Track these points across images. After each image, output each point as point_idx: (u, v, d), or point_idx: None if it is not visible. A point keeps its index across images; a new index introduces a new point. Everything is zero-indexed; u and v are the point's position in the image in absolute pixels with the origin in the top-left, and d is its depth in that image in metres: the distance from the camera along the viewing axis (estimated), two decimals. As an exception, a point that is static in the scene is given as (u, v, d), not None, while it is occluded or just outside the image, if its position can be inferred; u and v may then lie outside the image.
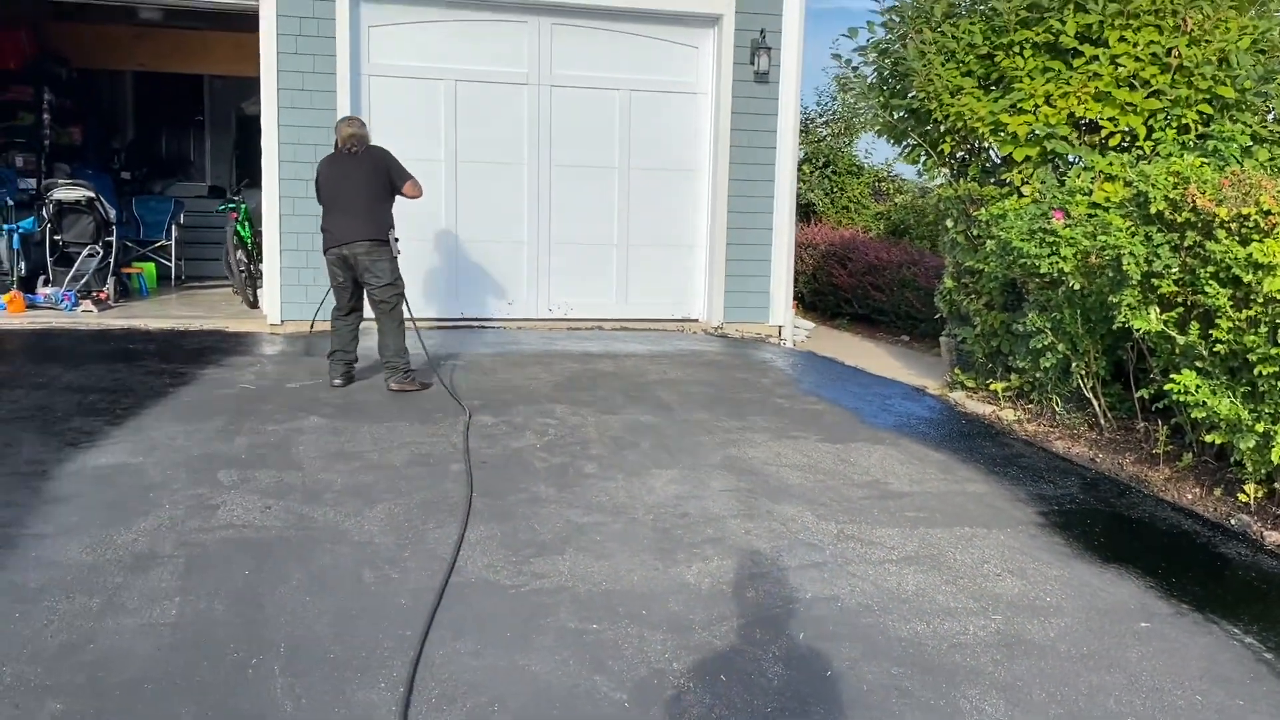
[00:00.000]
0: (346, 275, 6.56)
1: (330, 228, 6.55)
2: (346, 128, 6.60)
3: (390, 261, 6.52)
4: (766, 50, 9.12)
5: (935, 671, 3.36)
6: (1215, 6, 6.23)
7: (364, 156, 6.52)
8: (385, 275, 6.49)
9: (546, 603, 3.75)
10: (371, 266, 6.46)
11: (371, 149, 6.59)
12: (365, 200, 6.46)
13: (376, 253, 6.45)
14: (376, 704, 3.05)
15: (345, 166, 6.53)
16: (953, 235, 7.16)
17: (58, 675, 3.13)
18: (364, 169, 6.48)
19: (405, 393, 6.50)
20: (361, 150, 6.53)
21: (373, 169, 6.49)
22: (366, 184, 6.47)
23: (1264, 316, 4.43)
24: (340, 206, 6.51)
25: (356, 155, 6.51)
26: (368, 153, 6.54)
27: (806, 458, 5.61)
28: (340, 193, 6.52)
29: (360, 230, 6.42)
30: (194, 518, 4.42)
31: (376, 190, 6.49)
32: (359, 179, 6.48)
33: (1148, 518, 4.97)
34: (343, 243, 6.45)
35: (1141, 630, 3.74)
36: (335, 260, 6.53)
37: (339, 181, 6.53)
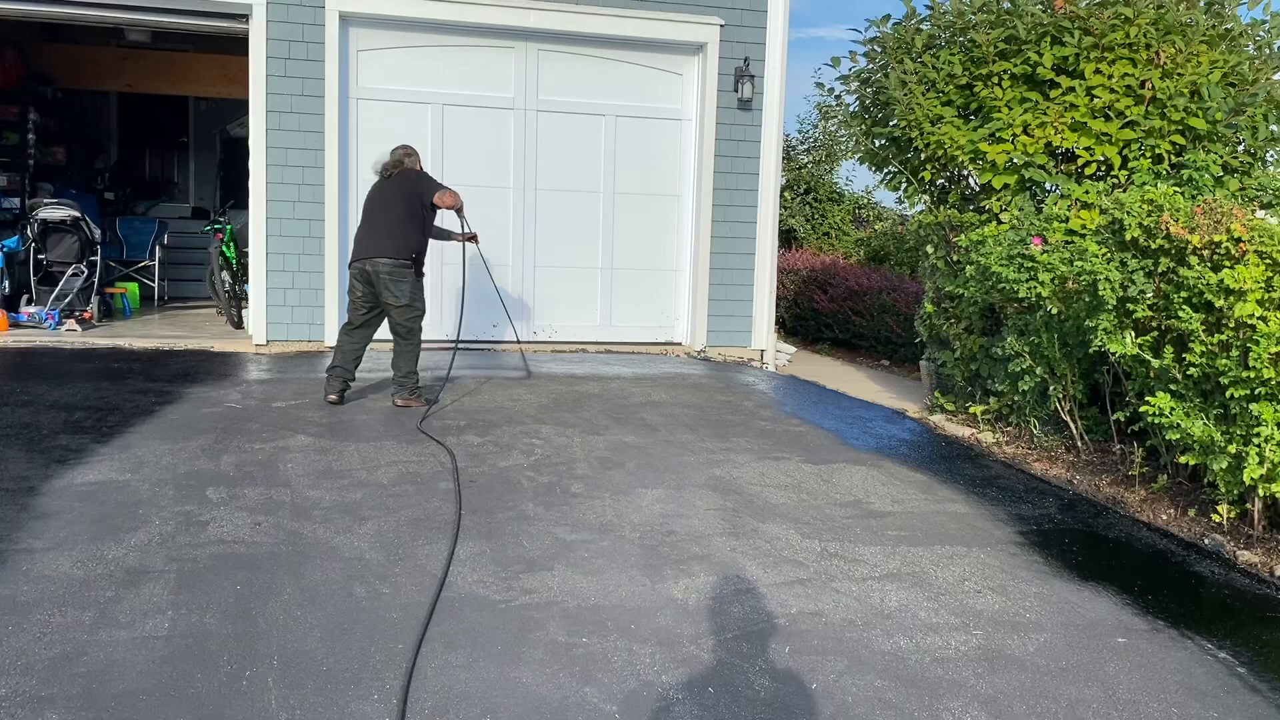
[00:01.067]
0: (366, 291, 6.65)
1: (358, 243, 6.74)
2: (389, 155, 6.88)
3: (411, 283, 6.64)
4: (750, 78, 9.27)
5: (918, 685, 3.43)
6: (1187, 40, 6.42)
7: (398, 179, 6.75)
8: (404, 296, 6.60)
9: (536, 617, 3.80)
10: (391, 286, 6.57)
11: (407, 171, 6.80)
12: (393, 219, 6.62)
13: (399, 273, 6.57)
14: (370, 715, 3.09)
15: (382, 189, 6.78)
16: (933, 261, 7.29)
17: (52, 687, 3.15)
18: (397, 192, 6.70)
19: (406, 409, 6.67)
20: (397, 174, 6.77)
21: (403, 190, 6.69)
22: (396, 204, 6.66)
23: (1235, 341, 4.56)
24: (370, 225, 6.69)
25: (392, 179, 6.76)
26: (403, 175, 6.77)
27: (790, 478, 5.69)
28: (372, 213, 6.73)
29: (383, 247, 6.56)
30: (183, 533, 4.44)
31: (405, 211, 6.64)
32: (390, 200, 6.69)
33: (1124, 537, 5.07)
34: (365, 257, 6.59)
35: (1118, 645, 3.82)
36: (357, 274, 6.66)
37: (376, 204, 6.75)
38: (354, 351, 6.77)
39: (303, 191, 8.63)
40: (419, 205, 6.68)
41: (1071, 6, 6.49)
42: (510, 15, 8.85)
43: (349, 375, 6.78)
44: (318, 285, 8.68)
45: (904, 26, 7.42)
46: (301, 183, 8.61)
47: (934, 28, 7.27)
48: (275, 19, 8.44)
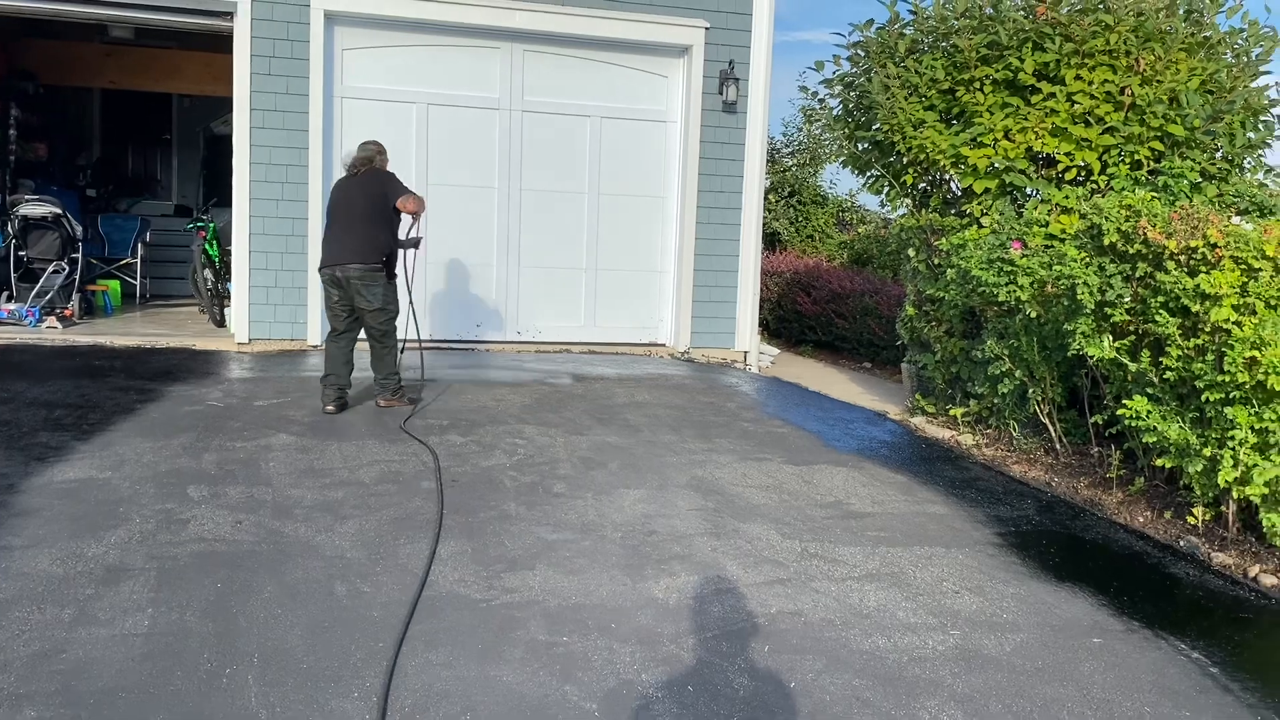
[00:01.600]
0: (340, 296, 6.50)
1: (325, 247, 6.55)
2: (358, 151, 6.64)
3: (384, 286, 6.50)
4: (735, 81, 9.31)
5: (896, 683, 3.46)
6: (1166, 48, 6.49)
7: (365, 178, 6.53)
8: (377, 300, 6.46)
9: (517, 616, 3.81)
10: (364, 290, 6.42)
11: (373, 171, 6.58)
12: (361, 222, 6.44)
13: (369, 277, 6.42)
14: (350, 713, 3.10)
15: (348, 188, 6.56)
16: (914, 264, 7.35)
17: (31, 684, 3.15)
18: (363, 191, 6.49)
19: (390, 409, 6.61)
20: (365, 172, 6.55)
21: (371, 190, 6.48)
22: (364, 206, 6.46)
23: (1211, 345, 4.61)
24: (338, 227, 6.52)
25: (358, 177, 6.54)
26: (370, 174, 6.55)
27: (771, 479, 5.72)
28: (339, 213, 6.54)
29: (353, 252, 6.39)
30: (164, 532, 4.43)
31: (373, 211, 6.46)
32: (357, 201, 6.48)
33: (1101, 539, 5.13)
34: (335, 263, 6.42)
35: (1094, 645, 3.86)
36: (329, 280, 6.50)
37: (341, 203, 6.56)
38: (343, 357, 6.58)
39: (286, 190, 8.61)
40: (386, 206, 6.49)
41: (1053, 13, 6.55)
42: (496, 15, 8.86)
43: (344, 383, 6.59)
44: (301, 284, 8.67)
45: (887, 31, 7.47)
46: (285, 181, 8.59)
47: (917, 32, 7.33)
48: (260, 17, 8.42)
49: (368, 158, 6.60)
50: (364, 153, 6.62)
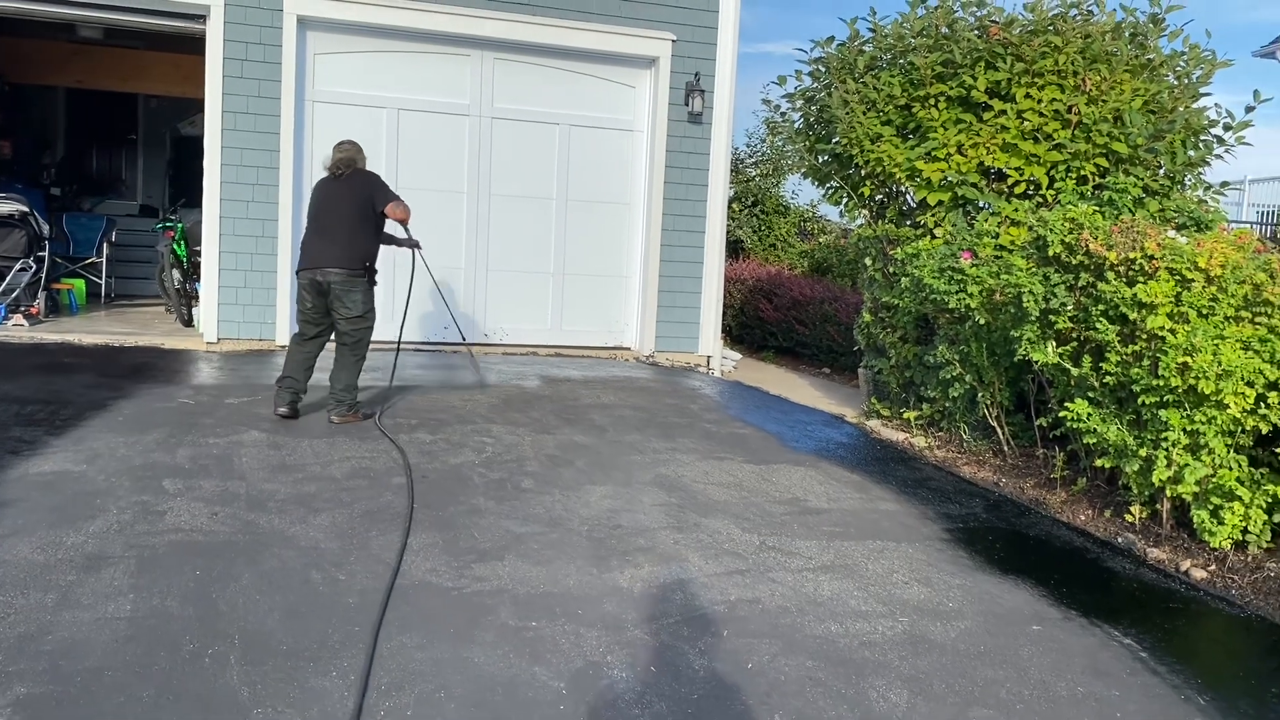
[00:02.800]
0: (317, 302, 6.31)
1: (306, 250, 6.36)
2: (336, 152, 6.42)
3: (364, 293, 6.33)
4: (700, 92, 9.54)
5: (846, 665, 3.67)
6: (1111, 69, 6.79)
7: (349, 180, 6.34)
8: (357, 307, 6.29)
9: (487, 603, 3.98)
10: (344, 296, 6.25)
11: (358, 173, 6.39)
12: (346, 225, 6.27)
13: (351, 282, 6.25)
14: (329, 690, 3.25)
15: (331, 189, 6.38)
16: (871, 273, 7.60)
17: (18, 663, 3.27)
18: (348, 193, 6.31)
19: (344, 425, 6.34)
20: (348, 174, 6.35)
21: (355, 193, 6.30)
22: (348, 207, 6.29)
23: (1147, 351, 4.88)
24: (320, 230, 6.32)
25: (342, 179, 6.34)
26: (354, 176, 6.36)
27: (732, 477, 5.92)
28: (322, 216, 6.34)
29: (336, 257, 6.21)
30: (141, 522, 4.55)
31: (358, 216, 6.29)
32: (342, 203, 6.30)
33: (1044, 535, 5.38)
34: (317, 266, 6.24)
35: (1033, 632, 4.10)
36: (307, 284, 6.30)
37: (324, 206, 6.36)
38: (306, 361, 6.42)
39: (257, 192, 8.71)
40: (371, 210, 6.29)
41: (1005, 33, 6.84)
42: (467, 24, 9.03)
43: (300, 387, 6.40)
44: (270, 285, 8.77)
45: (847, 48, 7.73)
46: (256, 183, 8.69)
47: (876, 50, 7.59)
48: (233, 20, 8.54)
49: (350, 159, 6.40)
50: (344, 153, 6.41)
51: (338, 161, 6.40)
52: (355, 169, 6.41)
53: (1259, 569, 4.75)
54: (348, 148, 6.46)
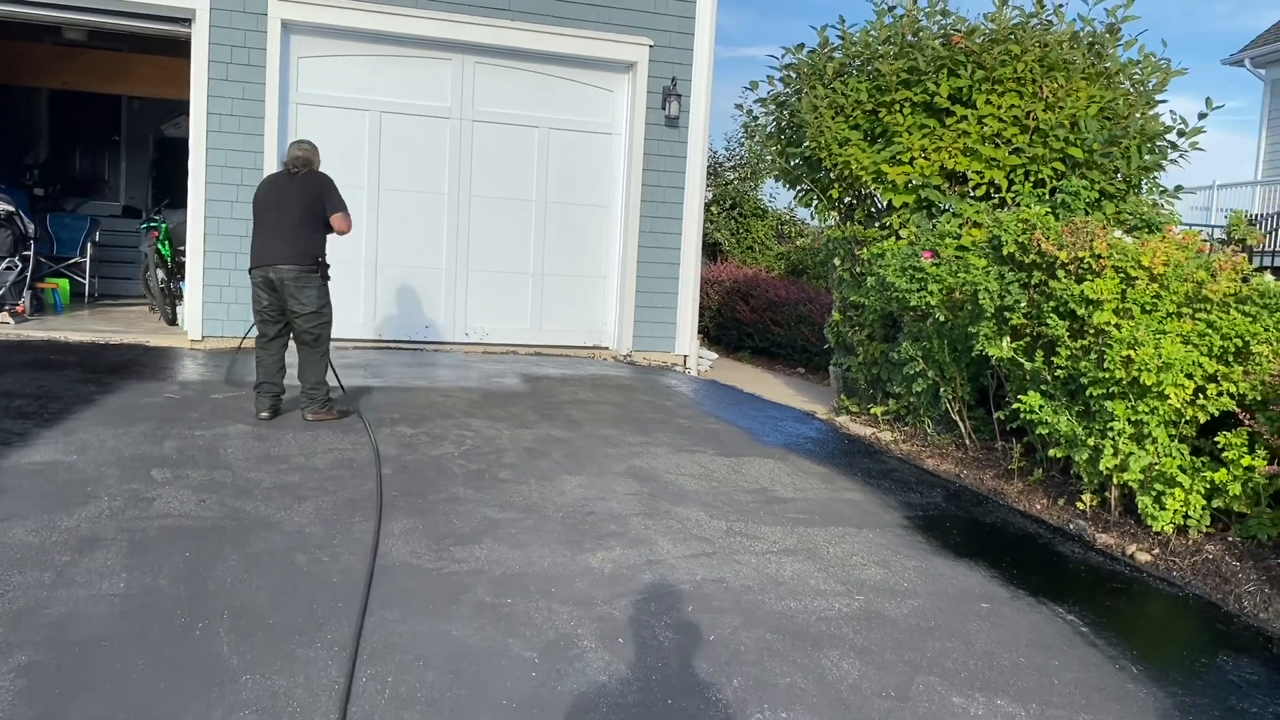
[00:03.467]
0: (271, 299, 6.34)
1: (257, 247, 6.37)
2: (293, 150, 6.46)
3: (318, 289, 6.34)
4: (677, 97, 9.77)
5: (804, 638, 3.90)
6: (1068, 77, 7.07)
7: (303, 179, 6.37)
8: (311, 303, 6.30)
9: (465, 582, 4.18)
10: (298, 293, 6.27)
11: (314, 174, 6.43)
12: (296, 223, 6.28)
13: (304, 279, 6.27)
14: (314, 659, 3.45)
15: (283, 187, 6.39)
16: (840, 273, 7.85)
17: (18, 634, 3.45)
18: (301, 192, 6.32)
19: (320, 423, 6.38)
20: (303, 173, 6.38)
21: (308, 193, 6.33)
22: (300, 207, 6.29)
23: (1094, 345, 5.14)
24: (270, 226, 6.33)
25: (296, 177, 6.37)
26: (309, 176, 6.39)
27: (703, 468, 6.14)
28: (273, 213, 6.35)
29: (287, 253, 6.24)
30: (131, 508, 4.73)
31: (308, 214, 6.31)
32: (294, 201, 6.31)
33: (1000, 523, 5.63)
34: (268, 263, 6.27)
35: (982, 609, 4.33)
36: (260, 282, 6.33)
37: (274, 201, 6.37)
38: (276, 364, 6.44)
39: (241, 192, 8.86)
40: (321, 210, 6.32)
41: (967, 42, 7.10)
42: (448, 28, 9.23)
43: (279, 389, 6.46)
44: (254, 283, 8.92)
45: (817, 54, 7.98)
46: (241, 184, 8.85)
47: (845, 56, 7.84)
48: (219, 24, 8.71)
49: (306, 158, 6.43)
50: (303, 152, 6.44)
51: (294, 159, 6.43)
52: (311, 169, 6.45)
53: (1198, 552, 5.01)
54: (306, 147, 6.50)
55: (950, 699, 3.51)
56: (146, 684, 3.21)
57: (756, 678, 3.54)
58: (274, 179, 6.57)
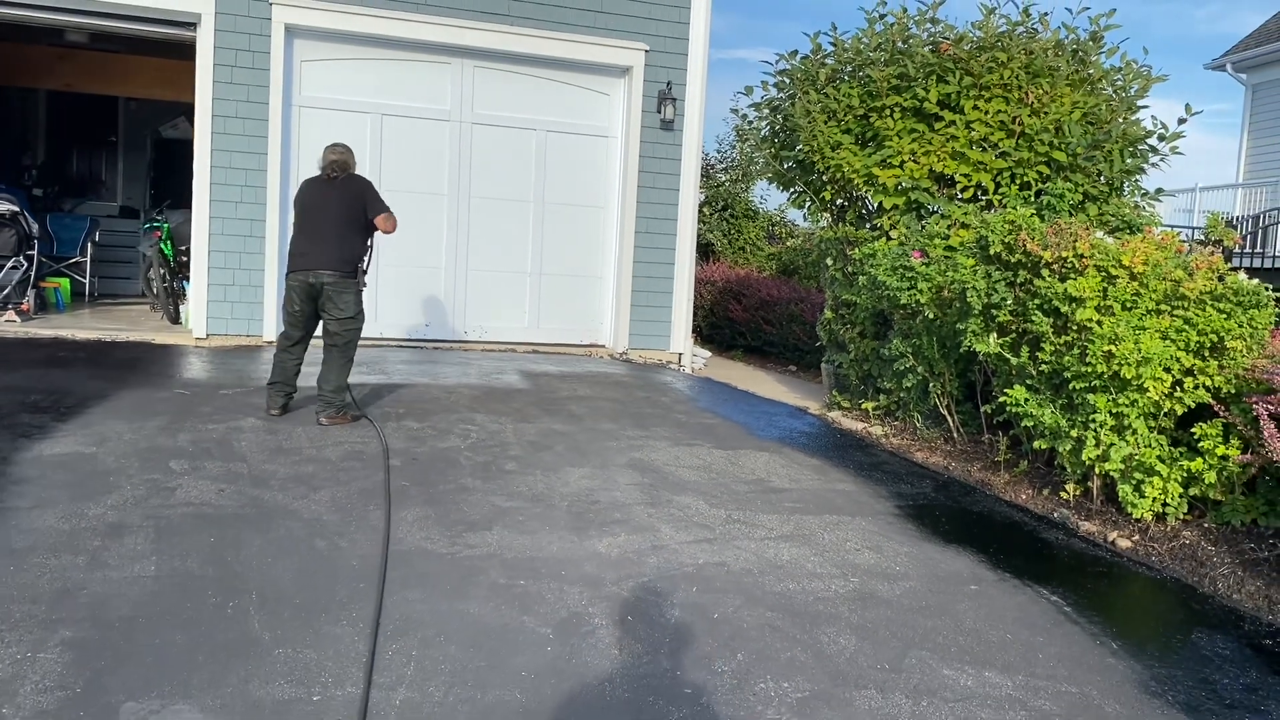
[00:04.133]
0: (306, 304, 6.36)
1: (298, 252, 6.37)
2: (330, 154, 6.47)
3: (355, 295, 6.39)
4: (672, 100, 9.99)
5: (802, 616, 4.11)
6: (1053, 83, 7.31)
7: (343, 184, 6.40)
8: (348, 309, 6.35)
9: (479, 565, 4.39)
10: (336, 298, 6.31)
11: (353, 177, 6.46)
12: (337, 228, 6.32)
13: (343, 284, 6.31)
14: (341, 635, 3.65)
15: (323, 192, 6.41)
16: (832, 272, 8.08)
17: (60, 613, 3.64)
18: (341, 196, 6.36)
19: (334, 426, 6.36)
20: (342, 177, 6.41)
21: (349, 197, 6.36)
22: (341, 212, 6.34)
23: (1077, 341, 5.37)
24: (311, 232, 6.35)
25: (335, 181, 6.39)
26: (349, 180, 6.42)
27: (701, 461, 6.36)
28: (314, 218, 6.38)
29: (328, 259, 6.27)
30: (154, 497, 4.92)
31: (349, 219, 6.35)
32: (334, 206, 6.34)
33: (987, 511, 5.86)
34: (309, 269, 6.28)
35: (970, 591, 4.56)
36: (298, 286, 6.33)
37: (315, 206, 6.39)
38: (295, 366, 6.52)
39: (245, 193, 9.05)
40: (363, 215, 6.38)
41: (955, 49, 7.34)
42: (448, 33, 9.42)
43: (291, 389, 6.55)
44: (258, 283, 9.11)
45: (811, 60, 8.21)
46: (245, 184, 9.03)
47: (837, 63, 8.07)
48: (223, 28, 8.88)
49: (343, 162, 6.46)
50: (338, 156, 6.47)
51: (331, 164, 6.45)
52: (349, 172, 6.50)
53: (1175, 538, 5.25)
54: (341, 150, 6.52)
55: (941, 671, 3.74)
56: (185, 657, 3.41)
57: (759, 652, 3.75)
58: (313, 183, 6.53)
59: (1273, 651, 4.13)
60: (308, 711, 3.12)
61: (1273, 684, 3.83)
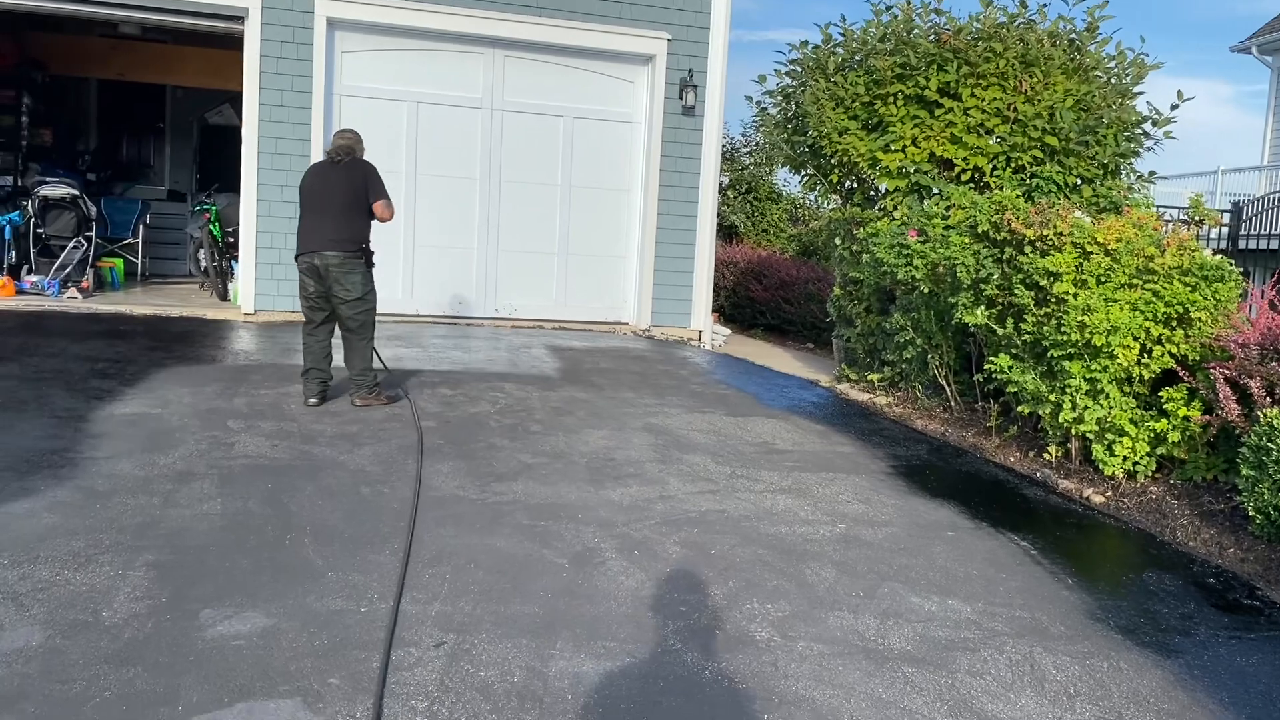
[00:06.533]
0: (318, 286, 6.46)
1: (303, 234, 6.50)
2: (337, 138, 6.65)
3: (362, 275, 6.48)
4: (693, 88, 10.45)
5: (790, 554, 4.62)
6: (1046, 72, 7.71)
7: (348, 167, 6.53)
8: (356, 289, 6.43)
9: (505, 509, 4.93)
10: (342, 279, 6.39)
11: (357, 161, 6.58)
12: (340, 211, 6.42)
13: (348, 265, 6.40)
14: (384, 562, 4.20)
15: (328, 175, 6.55)
16: (840, 251, 8.53)
17: (143, 540, 4.22)
18: (345, 180, 6.48)
19: (368, 407, 6.55)
20: (347, 161, 6.55)
21: (353, 180, 6.48)
22: (345, 194, 6.44)
23: (1055, 312, 5.81)
24: (316, 213, 6.47)
25: (341, 165, 6.53)
26: (352, 164, 6.55)
27: (712, 425, 6.86)
28: (318, 200, 6.49)
29: (331, 240, 6.36)
30: (215, 450, 5.50)
31: (353, 201, 6.45)
32: (338, 189, 6.46)
33: (974, 471, 6.33)
34: (313, 250, 6.40)
35: (947, 536, 5.04)
36: (306, 269, 6.46)
37: (319, 189, 6.52)
38: (323, 350, 6.57)
39: (290, 177, 9.60)
40: (365, 198, 6.45)
41: (955, 40, 7.75)
42: (481, 24, 9.94)
43: (326, 375, 6.62)
44: (302, 262, 9.69)
45: (821, 50, 8.64)
46: (290, 169, 9.60)
47: (845, 53, 8.51)
48: (269, 21, 9.45)
49: (349, 146, 6.57)
50: (346, 140, 6.59)
51: (338, 148, 6.58)
52: (354, 157, 6.59)
53: (1143, 493, 5.69)
54: (349, 135, 6.66)
55: (909, 599, 4.23)
56: (251, 576, 3.97)
57: (748, 580, 4.27)
58: (319, 167, 6.73)
59: (1214, 588, 4.59)
60: (357, 620, 3.67)
61: (1207, 614, 4.29)
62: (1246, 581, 4.68)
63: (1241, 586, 4.63)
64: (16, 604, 3.58)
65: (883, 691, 3.44)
